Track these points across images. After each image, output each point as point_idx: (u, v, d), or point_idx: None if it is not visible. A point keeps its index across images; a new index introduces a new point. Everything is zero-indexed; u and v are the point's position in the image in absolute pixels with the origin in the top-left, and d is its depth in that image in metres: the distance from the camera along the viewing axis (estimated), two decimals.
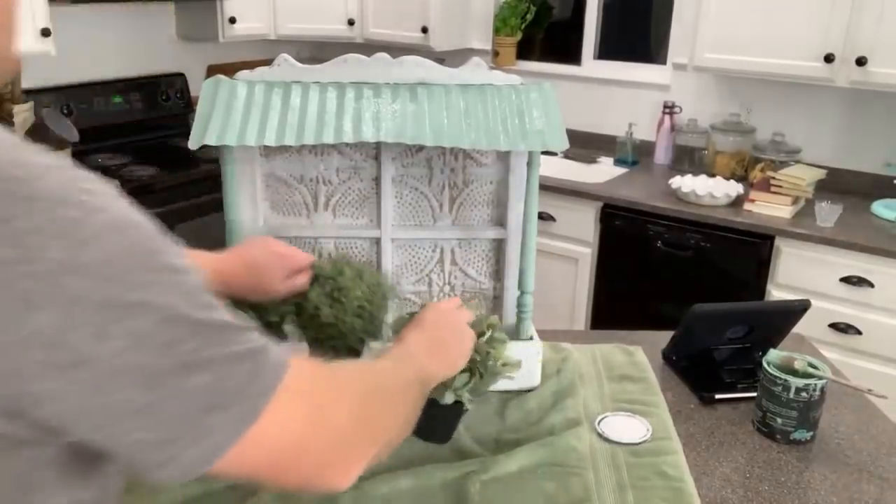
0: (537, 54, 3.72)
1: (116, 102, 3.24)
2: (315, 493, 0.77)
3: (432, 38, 3.33)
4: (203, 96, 1.14)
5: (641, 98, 3.28)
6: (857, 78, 2.49)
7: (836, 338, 2.38)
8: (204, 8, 3.32)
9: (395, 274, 1.33)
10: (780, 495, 1.09)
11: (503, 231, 1.32)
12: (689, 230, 2.64)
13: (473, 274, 1.35)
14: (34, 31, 2.60)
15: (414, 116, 1.14)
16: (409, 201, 1.31)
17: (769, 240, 2.50)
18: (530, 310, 1.30)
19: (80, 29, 3.11)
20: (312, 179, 1.29)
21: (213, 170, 2.95)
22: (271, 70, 1.19)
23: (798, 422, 1.19)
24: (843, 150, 2.87)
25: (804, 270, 2.42)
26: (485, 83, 1.20)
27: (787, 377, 1.18)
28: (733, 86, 3.04)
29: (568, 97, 3.37)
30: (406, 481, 1.06)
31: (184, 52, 3.53)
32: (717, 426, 1.25)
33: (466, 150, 1.28)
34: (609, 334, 1.57)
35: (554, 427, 1.19)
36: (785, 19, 2.58)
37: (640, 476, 1.09)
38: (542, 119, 1.18)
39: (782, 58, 2.61)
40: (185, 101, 3.49)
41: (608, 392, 1.32)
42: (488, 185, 1.31)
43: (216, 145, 1.12)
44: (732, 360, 1.38)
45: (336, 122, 1.12)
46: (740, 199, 2.66)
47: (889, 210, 2.59)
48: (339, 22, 3.52)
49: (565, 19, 3.72)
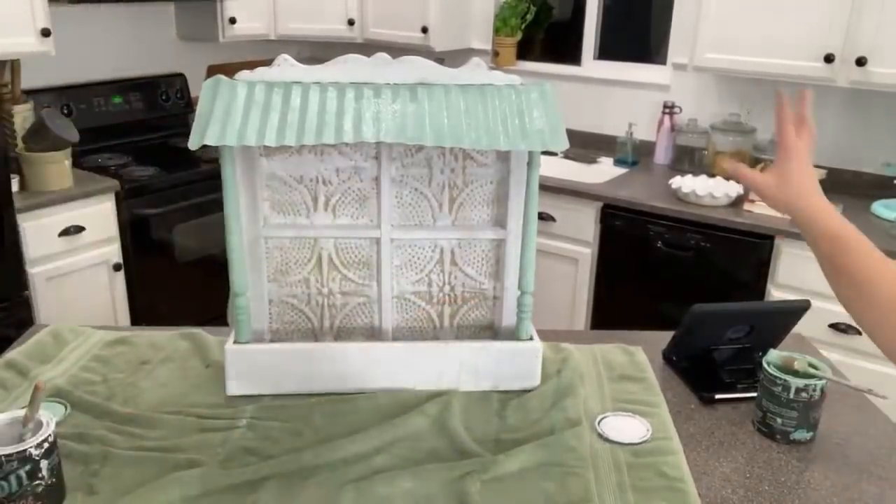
0: (537, 54, 3.72)
1: (116, 102, 3.24)
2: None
3: (432, 38, 3.34)
4: (203, 96, 1.14)
5: (641, 98, 3.29)
6: (857, 78, 2.50)
7: (836, 338, 2.38)
8: (204, 8, 3.32)
9: (394, 274, 1.33)
10: (780, 495, 1.09)
11: (503, 231, 1.32)
12: (690, 230, 2.64)
13: (473, 274, 1.35)
14: (34, 31, 2.60)
15: (414, 116, 1.14)
16: (409, 201, 1.31)
17: (769, 240, 2.50)
18: (530, 310, 1.30)
19: (80, 29, 3.11)
20: (312, 179, 1.29)
21: (213, 170, 2.96)
22: (271, 70, 1.19)
23: (798, 422, 1.19)
24: (843, 150, 2.87)
25: (804, 270, 2.42)
26: (485, 83, 1.20)
27: (787, 377, 1.18)
28: (733, 86, 3.04)
29: (568, 97, 3.37)
30: (406, 481, 1.06)
31: (184, 52, 3.53)
32: (717, 426, 1.25)
33: (466, 150, 1.29)
34: (609, 334, 1.57)
35: (554, 427, 1.19)
36: (785, 19, 2.58)
37: (640, 476, 1.09)
38: (542, 119, 1.17)
39: (782, 58, 2.62)
40: (185, 101, 3.49)
41: (608, 392, 1.32)
42: (488, 185, 1.31)
43: (216, 145, 1.12)
44: (732, 360, 1.38)
45: (336, 122, 1.12)
46: (740, 200, 2.67)
47: (889, 210, 2.59)
48: (339, 22, 3.53)
49: (565, 19, 3.72)
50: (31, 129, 2.65)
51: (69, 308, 2.68)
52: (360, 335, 1.37)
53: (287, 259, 1.31)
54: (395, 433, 1.17)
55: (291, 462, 1.09)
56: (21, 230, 2.47)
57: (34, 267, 2.56)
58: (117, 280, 2.83)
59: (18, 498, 0.94)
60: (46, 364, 1.36)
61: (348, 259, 1.32)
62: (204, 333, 1.47)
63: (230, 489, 1.04)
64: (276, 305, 1.34)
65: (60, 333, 1.46)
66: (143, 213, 2.85)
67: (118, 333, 1.49)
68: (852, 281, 0.95)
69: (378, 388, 1.29)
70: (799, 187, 1.05)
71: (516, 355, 1.30)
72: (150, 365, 1.38)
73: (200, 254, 3.06)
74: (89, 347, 1.43)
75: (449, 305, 1.37)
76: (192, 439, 1.15)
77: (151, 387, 1.31)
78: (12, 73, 2.75)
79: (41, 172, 2.59)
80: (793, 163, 1.07)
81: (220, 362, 1.31)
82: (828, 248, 0.99)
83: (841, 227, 1.00)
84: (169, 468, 1.07)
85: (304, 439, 1.16)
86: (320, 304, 1.35)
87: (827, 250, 0.99)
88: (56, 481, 0.98)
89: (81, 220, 2.66)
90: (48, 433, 0.96)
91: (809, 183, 1.06)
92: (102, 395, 1.27)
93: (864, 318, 0.96)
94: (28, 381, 1.29)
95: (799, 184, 1.06)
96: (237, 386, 1.28)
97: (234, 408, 1.24)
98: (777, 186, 1.07)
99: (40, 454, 0.94)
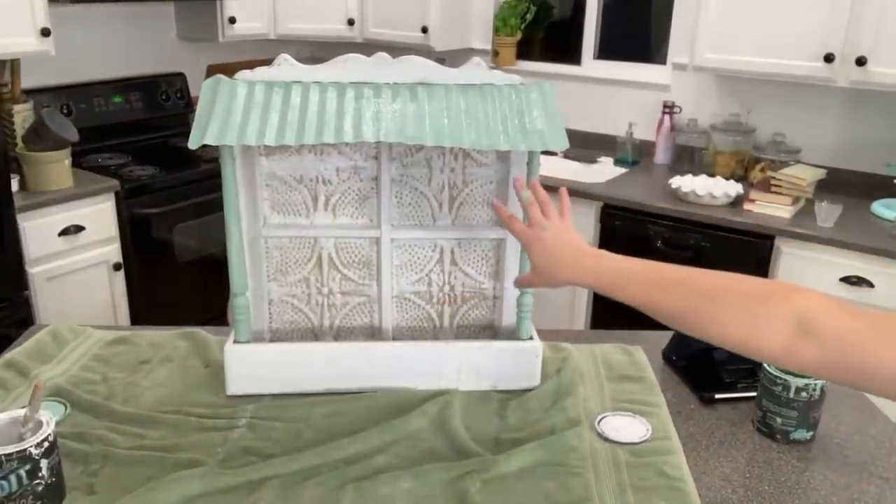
0: (537, 54, 3.72)
1: (116, 102, 3.24)
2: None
3: (432, 38, 3.34)
4: (203, 96, 1.14)
5: (641, 98, 3.29)
6: (857, 78, 2.50)
7: None
8: (204, 8, 3.32)
9: (394, 273, 1.33)
10: (780, 495, 1.09)
11: (503, 231, 1.32)
12: (689, 230, 2.64)
13: (473, 274, 1.35)
14: (34, 31, 2.59)
15: (414, 116, 1.14)
16: (409, 201, 1.31)
17: (769, 240, 2.50)
18: (530, 310, 1.30)
19: (80, 29, 3.12)
20: (312, 179, 1.29)
21: (213, 170, 2.96)
22: (271, 70, 1.19)
23: (798, 422, 1.19)
24: (843, 150, 2.87)
25: (804, 270, 2.43)
26: (485, 83, 1.19)
27: (787, 377, 1.18)
28: (733, 86, 3.04)
29: (568, 97, 3.37)
30: (406, 481, 1.06)
31: (184, 52, 3.53)
32: (717, 426, 1.25)
33: (466, 150, 1.29)
34: (609, 334, 1.57)
35: (554, 427, 1.19)
36: (785, 19, 2.58)
37: (640, 476, 1.09)
38: (542, 119, 1.17)
39: (782, 58, 2.62)
40: (185, 101, 3.49)
41: (608, 392, 1.32)
42: (488, 185, 1.31)
43: (216, 145, 1.12)
44: (732, 359, 1.37)
45: (336, 121, 1.12)
46: (740, 199, 2.67)
47: (889, 210, 2.59)
48: (339, 22, 3.53)
49: (565, 19, 3.72)
50: (31, 129, 2.64)
51: (69, 308, 2.68)
52: (360, 335, 1.37)
53: (287, 259, 1.32)
54: (395, 433, 1.17)
55: (291, 462, 1.09)
56: (21, 230, 2.47)
57: (34, 267, 2.56)
58: (117, 280, 2.83)
59: (18, 497, 0.94)
60: (46, 364, 1.36)
61: (348, 259, 1.32)
62: (204, 333, 1.47)
63: (230, 489, 1.04)
64: (275, 305, 1.34)
65: (60, 333, 1.46)
66: (143, 212, 2.85)
67: (118, 333, 1.49)
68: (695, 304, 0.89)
69: (378, 388, 1.29)
70: (555, 269, 1.06)
71: (516, 355, 1.30)
72: (149, 364, 1.38)
73: (200, 253, 3.06)
74: (89, 347, 1.43)
75: (449, 305, 1.37)
76: (192, 439, 1.15)
77: (151, 386, 1.31)
78: (12, 73, 2.75)
79: (41, 172, 2.59)
80: (532, 252, 1.08)
81: (219, 362, 1.31)
82: (643, 294, 0.94)
83: (633, 266, 0.99)
84: (169, 468, 1.07)
85: (304, 439, 1.16)
86: (320, 304, 1.35)
87: (644, 297, 0.94)
88: (56, 481, 0.98)
89: (81, 220, 2.66)
90: (48, 433, 0.96)
91: (560, 259, 1.05)
92: (102, 395, 1.27)
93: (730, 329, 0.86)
94: (28, 381, 1.29)
95: (551, 266, 1.06)
96: (237, 386, 1.28)
97: (234, 408, 1.24)
98: (543, 280, 1.09)
99: (40, 454, 0.94)
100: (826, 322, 0.78)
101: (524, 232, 1.10)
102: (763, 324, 0.81)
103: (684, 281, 0.91)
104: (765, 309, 0.82)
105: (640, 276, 0.96)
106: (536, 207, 1.10)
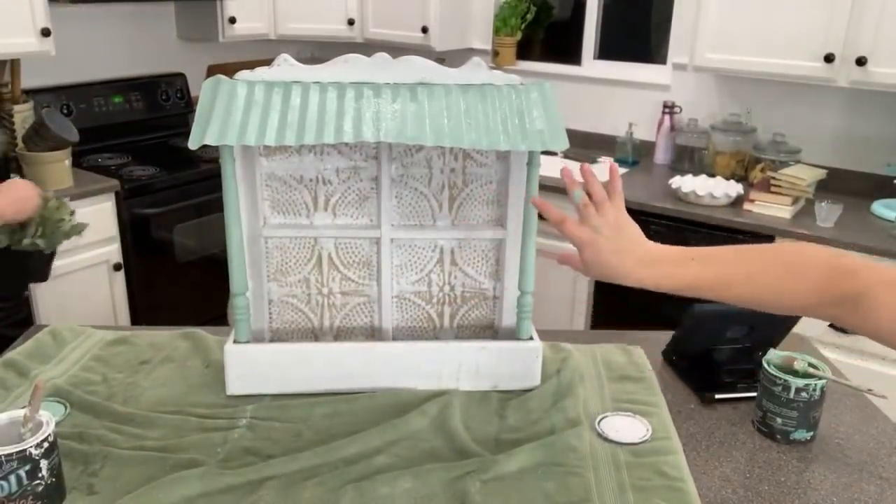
0: (537, 54, 3.72)
1: (116, 102, 3.24)
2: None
3: (432, 38, 3.34)
4: (203, 96, 1.14)
5: (641, 98, 3.28)
6: (857, 78, 2.49)
7: (836, 338, 2.38)
8: (204, 8, 3.32)
9: (394, 274, 1.33)
10: (780, 495, 1.08)
11: (503, 231, 1.32)
12: (690, 230, 2.64)
13: (473, 274, 1.35)
14: (34, 31, 2.59)
15: (414, 116, 1.14)
16: (409, 201, 1.31)
17: (769, 240, 2.50)
18: (530, 310, 1.30)
19: (80, 29, 3.11)
20: (312, 179, 1.29)
21: (213, 170, 2.96)
22: (271, 70, 1.19)
23: (798, 422, 1.19)
24: (843, 150, 2.87)
25: None
26: (485, 83, 1.19)
27: (787, 377, 1.18)
28: (733, 86, 3.04)
29: (568, 97, 3.37)
30: (406, 481, 1.06)
31: (184, 52, 3.53)
32: (717, 426, 1.25)
33: (466, 150, 1.29)
34: (609, 334, 1.56)
35: (554, 427, 1.19)
36: (785, 19, 2.58)
37: (640, 476, 1.09)
38: (542, 119, 1.17)
39: (782, 58, 2.61)
40: (185, 101, 3.49)
41: (608, 392, 1.32)
42: (488, 185, 1.31)
43: (216, 145, 1.12)
44: (732, 360, 1.37)
45: (336, 122, 1.12)
46: (740, 199, 2.66)
47: (889, 210, 2.58)
48: (339, 22, 3.52)
49: (565, 19, 3.72)
50: (31, 129, 2.64)
51: (69, 308, 2.68)
52: (360, 335, 1.37)
53: (287, 259, 1.32)
54: (395, 433, 1.17)
55: (291, 462, 1.09)
56: None
57: None
58: (117, 280, 2.83)
59: (18, 498, 0.94)
60: (46, 364, 1.36)
61: (348, 259, 1.32)
62: (204, 333, 1.47)
63: (230, 489, 1.04)
64: (275, 305, 1.34)
65: (60, 333, 1.46)
66: (143, 212, 2.84)
67: (118, 333, 1.49)
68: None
69: (378, 388, 1.29)
70: (612, 273, 0.97)
71: (516, 355, 1.30)
72: (149, 365, 1.38)
73: (200, 254, 3.06)
74: (89, 347, 1.43)
75: (449, 305, 1.37)
76: (192, 439, 1.15)
77: (151, 386, 1.31)
78: (12, 73, 2.75)
79: (41, 172, 2.59)
80: (585, 255, 0.98)
81: (220, 362, 1.31)
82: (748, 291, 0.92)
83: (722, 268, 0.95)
84: (169, 468, 1.07)
85: (304, 439, 1.16)
86: (320, 304, 1.35)
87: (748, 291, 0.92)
88: (56, 481, 0.98)
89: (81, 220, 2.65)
90: (48, 433, 0.96)
91: (620, 265, 0.96)
92: (102, 395, 1.27)
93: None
94: (28, 381, 1.29)
95: (607, 271, 0.97)
96: (237, 386, 1.28)
97: (234, 408, 1.24)
98: (595, 276, 0.98)
99: (40, 454, 0.94)
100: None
101: (575, 236, 0.98)
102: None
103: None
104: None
105: (734, 275, 0.94)
106: (591, 209, 0.98)
